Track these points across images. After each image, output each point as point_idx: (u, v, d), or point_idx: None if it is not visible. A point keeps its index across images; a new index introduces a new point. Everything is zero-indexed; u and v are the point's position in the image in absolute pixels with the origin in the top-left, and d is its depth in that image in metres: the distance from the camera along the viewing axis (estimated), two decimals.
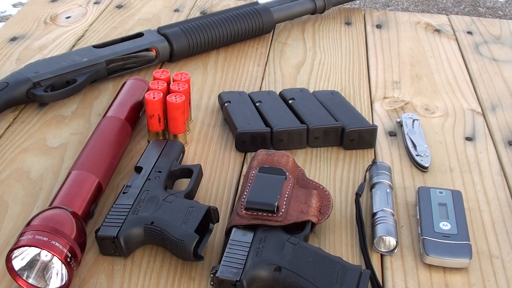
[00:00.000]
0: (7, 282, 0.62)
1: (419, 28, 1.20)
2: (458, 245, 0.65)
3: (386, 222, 0.67)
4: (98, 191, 0.72)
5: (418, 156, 0.80)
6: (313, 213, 0.66)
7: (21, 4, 3.24)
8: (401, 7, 3.41)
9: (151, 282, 0.63)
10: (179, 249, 0.63)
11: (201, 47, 1.05)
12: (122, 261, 0.66)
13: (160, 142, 0.79)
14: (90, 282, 0.63)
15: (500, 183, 0.78)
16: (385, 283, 0.63)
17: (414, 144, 0.81)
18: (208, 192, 0.76)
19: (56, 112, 0.92)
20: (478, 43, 1.15)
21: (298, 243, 0.62)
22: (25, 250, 0.60)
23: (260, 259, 0.61)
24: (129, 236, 0.65)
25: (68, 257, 0.59)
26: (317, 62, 1.06)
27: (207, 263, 0.65)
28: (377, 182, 0.74)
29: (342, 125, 0.82)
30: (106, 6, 1.26)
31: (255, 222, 0.64)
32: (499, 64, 1.07)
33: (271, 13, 1.11)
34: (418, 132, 0.84)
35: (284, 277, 0.60)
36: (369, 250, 0.67)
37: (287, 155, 0.73)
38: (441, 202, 0.70)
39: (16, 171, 0.79)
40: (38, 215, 0.62)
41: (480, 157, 0.83)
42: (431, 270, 0.65)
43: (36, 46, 1.10)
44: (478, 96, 0.98)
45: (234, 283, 0.59)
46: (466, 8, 3.40)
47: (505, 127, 0.89)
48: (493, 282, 0.63)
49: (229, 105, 0.88)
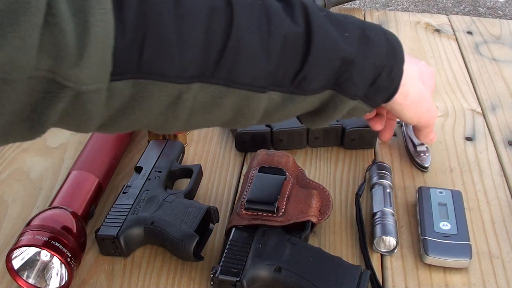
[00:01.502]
0: (7, 282, 0.62)
1: (419, 28, 1.20)
2: (458, 245, 0.65)
3: (386, 222, 0.67)
4: (98, 191, 0.72)
5: (418, 156, 0.80)
6: (313, 213, 0.66)
7: None
8: (401, 7, 3.41)
9: (151, 282, 0.63)
10: (179, 249, 0.63)
11: None
12: (122, 261, 0.66)
13: (160, 142, 0.79)
14: (90, 282, 0.63)
15: (500, 183, 0.78)
16: (385, 283, 0.63)
17: (414, 144, 0.81)
18: (208, 192, 0.76)
19: None
20: (478, 43, 1.15)
21: (298, 243, 0.62)
22: (25, 250, 0.60)
23: (260, 259, 0.61)
24: (129, 236, 0.65)
25: (68, 257, 0.59)
26: None
27: (207, 263, 0.65)
28: (377, 182, 0.74)
29: (342, 125, 0.82)
30: None
31: (255, 222, 0.64)
32: (499, 64, 1.07)
33: None
34: None
35: (284, 277, 0.60)
36: (369, 250, 0.67)
37: (287, 155, 0.73)
38: (441, 202, 0.70)
39: (16, 171, 0.80)
40: (38, 215, 0.62)
41: (480, 157, 0.83)
42: (431, 270, 0.65)
43: None
44: (478, 96, 0.98)
45: (234, 283, 0.59)
46: (466, 8, 3.40)
47: (505, 127, 0.89)
48: (493, 282, 0.63)
49: None
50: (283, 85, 0.54)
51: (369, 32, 0.59)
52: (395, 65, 0.62)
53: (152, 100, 0.47)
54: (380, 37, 0.61)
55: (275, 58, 0.52)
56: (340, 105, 0.59)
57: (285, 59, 0.53)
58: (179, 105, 0.49)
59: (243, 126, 0.58)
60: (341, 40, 0.56)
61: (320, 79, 0.56)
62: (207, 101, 0.50)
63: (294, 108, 0.57)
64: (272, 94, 0.54)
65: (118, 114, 0.47)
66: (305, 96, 0.56)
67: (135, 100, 0.46)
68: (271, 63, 0.52)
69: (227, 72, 0.49)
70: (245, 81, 0.51)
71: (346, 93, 0.58)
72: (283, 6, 0.54)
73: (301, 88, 0.55)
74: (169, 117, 0.50)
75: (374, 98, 0.61)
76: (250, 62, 0.51)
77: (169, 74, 0.46)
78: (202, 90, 0.49)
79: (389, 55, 0.61)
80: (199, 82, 0.49)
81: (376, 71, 0.59)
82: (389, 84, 0.62)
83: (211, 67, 0.48)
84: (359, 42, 0.58)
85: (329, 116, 0.61)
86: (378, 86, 0.60)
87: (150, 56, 0.44)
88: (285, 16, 0.53)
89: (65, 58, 0.40)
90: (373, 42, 0.59)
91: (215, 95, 0.50)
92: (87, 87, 0.42)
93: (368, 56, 0.58)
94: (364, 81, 0.59)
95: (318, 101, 0.59)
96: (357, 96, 0.60)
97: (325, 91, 0.58)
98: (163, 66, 0.45)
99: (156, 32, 0.44)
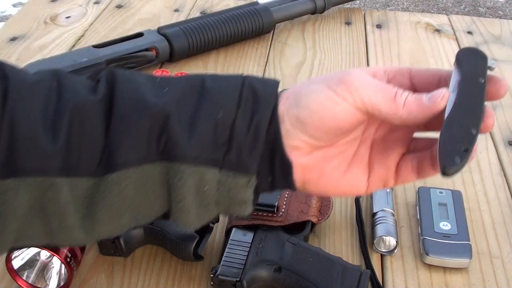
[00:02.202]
0: (7, 282, 0.62)
1: (419, 28, 1.20)
2: (458, 245, 0.65)
3: (386, 222, 0.67)
4: None
5: None
6: (313, 213, 0.66)
7: (21, 4, 3.24)
8: (401, 7, 3.41)
9: (151, 282, 0.63)
10: (179, 249, 0.63)
11: (201, 47, 1.05)
12: (122, 261, 0.66)
13: None
14: (90, 282, 0.63)
15: (500, 183, 0.78)
16: (385, 283, 0.63)
17: None
18: None
19: None
20: (478, 43, 1.15)
21: (298, 243, 0.62)
22: (25, 250, 0.60)
23: (260, 259, 0.61)
24: (129, 236, 0.65)
25: (68, 257, 0.59)
26: (317, 62, 1.06)
27: (207, 263, 0.65)
28: None
29: None
30: (106, 6, 1.26)
31: (255, 222, 0.64)
32: (499, 64, 1.07)
33: (271, 13, 1.11)
34: None
35: (284, 277, 0.60)
36: (369, 250, 0.67)
37: None
38: (441, 202, 0.70)
39: None
40: None
41: (480, 157, 0.83)
42: (431, 270, 0.65)
43: (36, 46, 1.10)
44: None
45: (234, 283, 0.59)
46: (466, 8, 3.40)
47: (505, 127, 0.89)
48: (493, 282, 0.63)
49: None
50: (85, 170, 0.41)
51: (210, 82, 0.44)
52: (257, 112, 0.43)
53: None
54: (230, 85, 0.44)
55: (62, 138, 0.40)
56: (182, 181, 0.42)
57: (80, 141, 0.41)
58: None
59: (61, 239, 0.44)
60: (151, 95, 0.43)
61: (132, 145, 0.41)
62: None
63: (111, 202, 0.42)
64: (75, 181, 0.41)
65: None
66: (114, 178, 0.41)
67: None
68: (56, 144, 0.40)
69: (6, 160, 0.39)
70: (30, 166, 0.40)
71: (179, 159, 0.42)
72: (87, 81, 0.44)
73: (112, 165, 0.41)
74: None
75: (242, 159, 0.43)
76: (32, 143, 0.40)
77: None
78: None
79: (246, 101, 0.43)
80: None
81: (220, 124, 0.42)
82: (256, 138, 0.43)
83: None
84: (183, 93, 0.43)
85: (183, 209, 0.44)
86: (237, 141, 0.42)
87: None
88: (81, 88, 0.43)
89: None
90: (210, 92, 0.43)
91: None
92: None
93: (198, 107, 0.43)
94: (199, 138, 0.42)
95: (151, 184, 0.43)
96: (200, 159, 0.42)
97: (149, 164, 0.42)
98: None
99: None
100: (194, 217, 0.45)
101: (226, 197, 0.44)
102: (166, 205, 0.44)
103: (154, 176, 0.43)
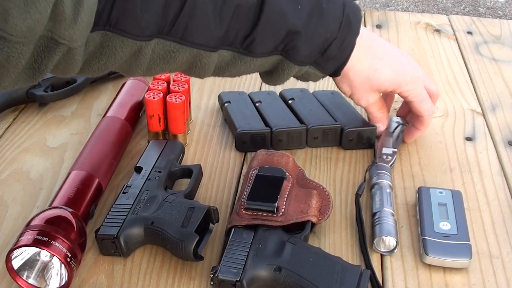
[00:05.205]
0: (7, 282, 0.62)
1: (419, 28, 1.20)
2: (458, 245, 0.65)
3: (386, 222, 0.67)
4: (98, 191, 0.72)
5: (380, 158, 0.79)
6: (313, 213, 0.66)
7: None
8: (401, 7, 3.42)
9: (151, 282, 0.63)
10: (179, 249, 0.63)
11: None
12: (122, 261, 0.66)
13: (160, 142, 0.79)
14: (90, 282, 0.63)
15: (500, 183, 0.78)
16: (385, 283, 0.63)
17: (383, 146, 0.81)
18: (208, 192, 0.76)
19: (56, 112, 0.92)
20: (478, 43, 1.15)
21: (298, 243, 0.62)
22: (25, 250, 0.60)
23: (260, 259, 0.61)
24: (129, 236, 0.65)
25: (68, 257, 0.59)
26: None
27: (207, 263, 0.65)
28: (377, 182, 0.74)
29: (341, 125, 0.82)
30: None
31: (255, 222, 0.64)
32: (499, 64, 1.07)
33: None
34: (395, 136, 0.83)
35: (284, 277, 0.60)
36: (369, 250, 0.67)
37: (287, 155, 0.73)
38: (441, 202, 0.70)
39: (16, 171, 0.80)
40: (38, 215, 0.62)
41: (480, 157, 0.83)
42: (431, 270, 0.65)
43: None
44: (478, 96, 0.98)
45: (234, 283, 0.59)
46: (466, 8, 3.40)
47: (505, 127, 0.89)
48: (493, 282, 0.63)
49: (229, 105, 0.88)
50: (234, 45, 0.64)
51: (326, 5, 0.67)
52: (347, 38, 0.70)
53: (116, 50, 0.57)
54: (336, 11, 0.68)
55: (226, 24, 0.62)
56: (288, 69, 0.70)
57: (236, 25, 0.62)
58: (140, 56, 0.59)
59: (199, 76, 0.67)
60: (291, 12, 0.65)
61: (267, 44, 0.66)
62: (164, 54, 0.61)
63: (244, 67, 0.67)
64: (223, 52, 0.64)
65: (91, 58, 0.57)
66: (253, 58, 0.66)
67: (103, 47, 0.57)
68: (222, 27, 0.62)
69: (182, 32, 0.60)
70: (197, 41, 0.61)
71: (293, 60, 0.69)
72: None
73: (249, 50, 0.65)
74: (132, 65, 0.60)
75: (326, 65, 0.72)
76: (203, 25, 0.60)
77: (130, 31, 0.56)
78: (159, 45, 0.60)
79: (344, 28, 0.69)
80: (157, 38, 0.59)
81: (326, 42, 0.69)
82: (339, 54, 0.71)
83: (168, 26, 0.59)
84: (310, 15, 0.66)
85: (279, 78, 0.71)
86: (328, 55, 0.70)
87: (117, 14, 0.55)
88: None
89: (62, 22, 0.50)
90: (326, 15, 0.67)
91: (170, 50, 0.61)
92: (77, 44, 0.53)
93: (317, 28, 0.67)
94: (311, 50, 0.68)
95: (268, 64, 0.69)
96: (305, 63, 0.70)
97: (273, 55, 0.68)
98: (126, 25, 0.56)
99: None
100: None
101: (308, 79, 0.75)
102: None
103: (269, 64, 0.69)
